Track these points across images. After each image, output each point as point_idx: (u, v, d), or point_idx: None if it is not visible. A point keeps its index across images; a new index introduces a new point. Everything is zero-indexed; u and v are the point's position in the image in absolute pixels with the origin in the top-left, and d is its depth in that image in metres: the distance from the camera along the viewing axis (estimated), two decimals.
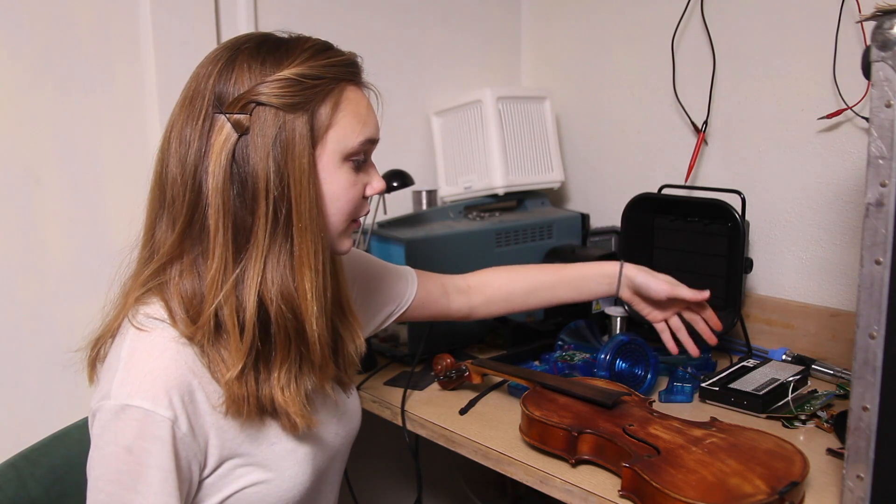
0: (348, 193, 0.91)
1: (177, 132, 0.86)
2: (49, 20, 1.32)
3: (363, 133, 0.90)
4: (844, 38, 1.40)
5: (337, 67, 0.89)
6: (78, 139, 1.38)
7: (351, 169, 0.91)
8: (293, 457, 0.92)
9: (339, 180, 0.90)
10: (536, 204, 1.81)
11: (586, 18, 1.87)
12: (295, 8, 1.61)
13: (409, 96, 1.83)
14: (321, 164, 0.88)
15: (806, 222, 1.51)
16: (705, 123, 1.64)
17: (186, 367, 0.84)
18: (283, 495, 0.91)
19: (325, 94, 0.87)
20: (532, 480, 1.09)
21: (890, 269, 0.79)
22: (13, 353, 1.35)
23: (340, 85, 0.89)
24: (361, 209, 0.95)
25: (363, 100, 0.93)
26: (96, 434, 0.83)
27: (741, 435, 1.05)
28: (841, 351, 1.42)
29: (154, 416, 0.80)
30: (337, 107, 0.88)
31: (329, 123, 0.88)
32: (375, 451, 1.83)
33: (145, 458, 0.80)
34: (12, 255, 1.33)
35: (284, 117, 0.84)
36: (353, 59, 0.93)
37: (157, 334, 0.84)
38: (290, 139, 0.84)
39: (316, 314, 0.87)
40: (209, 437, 0.85)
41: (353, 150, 0.90)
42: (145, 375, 0.82)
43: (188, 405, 0.83)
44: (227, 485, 0.88)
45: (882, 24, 0.77)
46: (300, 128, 0.85)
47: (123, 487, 0.80)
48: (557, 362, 1.40)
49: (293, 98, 0.84)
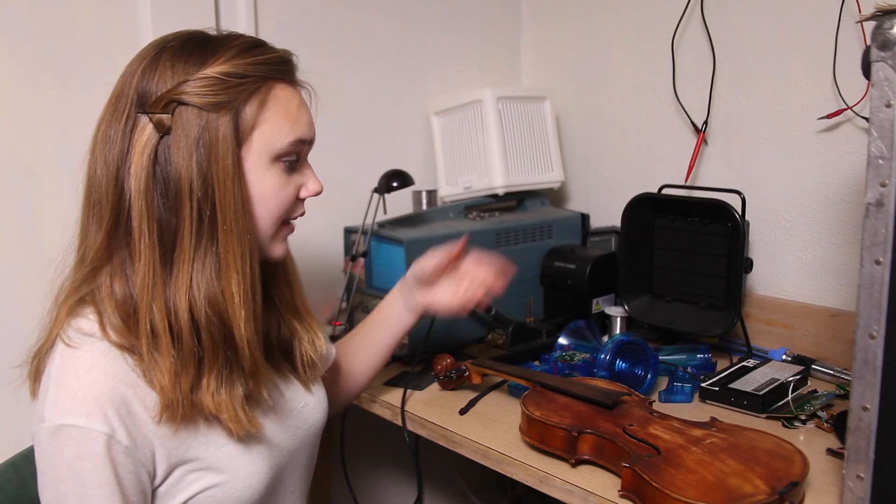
0: (278, 195, 0.89)
1: (102, 132, 0.86)
2: (49, 20, 1.32)
3: (292, 133, 0.88)
4: (844, 38, 1.40)
5: (265, 66, 0.86)
6: (78, 139, 1.37)
7: (282, 170, 0.89)
8: (245, 457, 0.90)
9: (268, 182, 0.88)
10: (536, 204, 1.81)
11: (586, 18, 1.87)
12: (295, 8, 1.61)
13: (409, 96, 1.83)
14: (247, 164, 0.86)
15: (806, 222, 1.51)
16: (705, 123, 1.64)
17: (118, 379, 0.82)
18: (239, 496, 0.89)
19: (250, 92, 0.85)
20: (532, 480, 1.09)
21: (890, 269, 0.79)
22: (13, 353, 1.35)
23: (268, 83, 0.87)
24: (293, 211, 0.94)
25: (294, 99, 0.90)
26: (38, 459, 0.81)
27: (741, 435, 1.05)
28: (841, 351, 1.42)
29: (90, 432, 0.78)
30: (263, 106, 0.86)
31: (255, 123, 0.86)
32: (375, 451, 1.83)
33: (86, 477, 0.79)
34: (12, 255, 1.33)
35: (207, 117, 0.82)
36: (284, 56, 0.91)
37: (84, 350, 0.83)
38: (214, 139, 0.83)
39: (244, 318, 0.85)
40: (154, 446, 0.84)
41: (281, 151, 0.88)
42: (76, 392, 0.80)
43: (125, 417, 0.81)
44: (180, 491, 0.87)
45: (882, 24, 0.77)
46: (224, 128, 0.83)
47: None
48: (557, 362, 1.40)
49: (216, 97, 0.83)
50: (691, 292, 1.51)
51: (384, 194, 1.50)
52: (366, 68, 1.75)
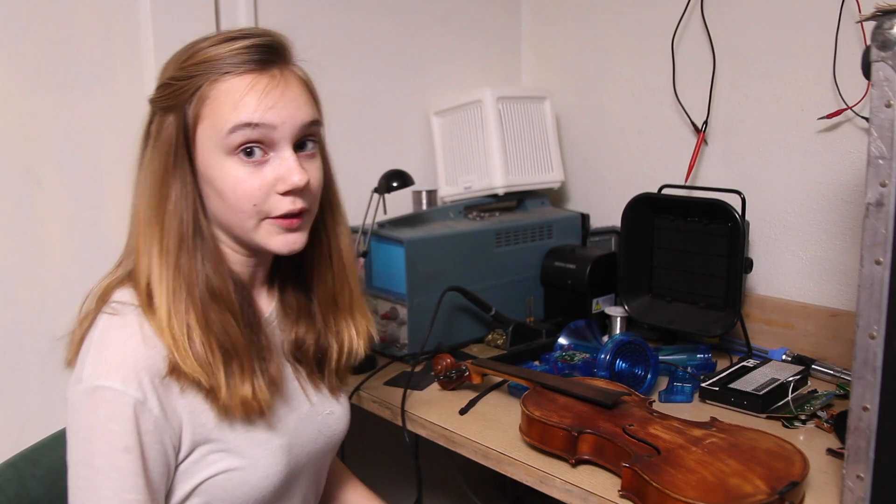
0: (235, 190, 0.87)
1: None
2: (49, 20, 1.32)
3: (231, 119, 0.85)
4: (844, 38, 1.40)
5: (210, 62, 0.86)
6: (78, 139, 1.38)
7: (240, 163, 0.86)
8: (267, 446, 0.92)
9: (223, 176, 0.87)
10: (536, 204, 1.81)
11: (586, 18, 1.87)
12: (295, 8, 1.61)
13: (409, 96, 1.83)
14: (201, 161, 0.88)
15: (806, 222, 1.51)
16: (705, 123, 1.64)
17: (157, 350, 0.84)
18: (255, 484, 0.91)
19: (191, 91, 0.87)
20: (532, 480, 1.09)
21: (890, 269, 0.79)
22: (13, 353, 1.35)
23: (212, 78, 0.86)
24: (269, 205, 0.88)
25: (243, 86, 0.86)
26: (71, 419, 0.84)
27: (741, 435, 1.05)
28: (841, 351, 1.42)
29: (123, 396, 0.81)
30: (203, 101, 0.87)
31: (196, 119, 0.87)
32: (375, 451, 1.83)
33: (114, 439, 0.81)
34: (12, 255, 1.33)
35: (163, 120, 0.88)
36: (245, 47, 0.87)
37: (128, 318, 0.86)
38: (167, 141, 0.88)
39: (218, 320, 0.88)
40: (183, 420, 0.86)
41: (224, 141, 0.86)
42: (115, 356, 0.83)
43: (158, 387, 0.84)
44: (200, 471, 0.89)
45: (882, 24, 0.77)
46: (171, 129, 0.87)
47: (96, 471, 0.82)
48: (557, 362, 1.40)
49: (167, 101, 0.88)
50: (691, 292, 1.51)
51: (384, 194, 1.50)
52: (366, 68, 1.75)
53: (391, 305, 1.50)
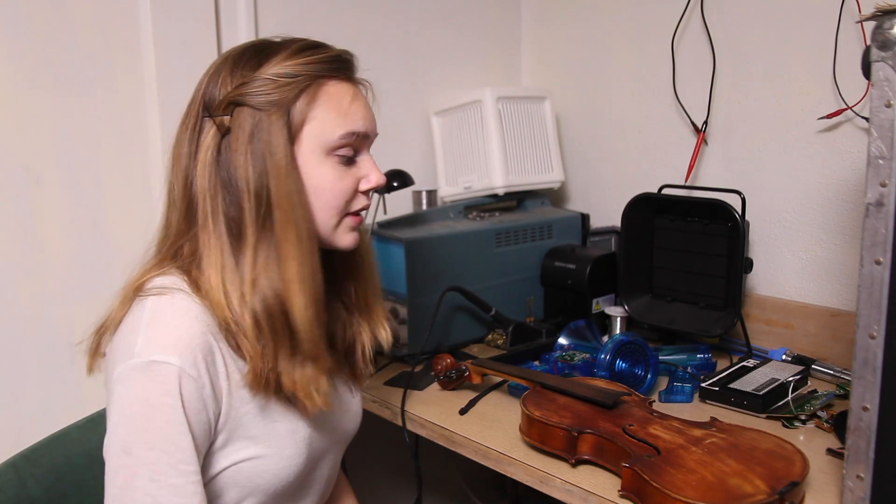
0: (334, 187, 0.92)
1: (177, 138, 0.93)
2: (49, 20, 1.32)
3: (344, 126, 0.92)
4: (844, 38, 1.40)
5: (316, 64, 0.91)
6: (78, 139, 1.38)
7: (338, 163, 0.93)
8: (293, 437, 0.93)
9: (323, 174, 0.91)
10: (536, 204, 1.81)
11: (586, 18, 1.87)
12: (295, 8, 1.61)
13: (409, 96, 1.83)
14: (301, 158, 0.90)
15: (806, 222, 1.51)
16: (705, 123, 1.64)
17: (208, 328, 0.86)
18: (277, 473, 0.92)
19: (300, 90, 0.90)
20: (532, 480, 1.09)
21: (890, 269, 0.79)
22: (13, 353, 1.35)
23: (319, 80, 0.91)
24: (354, 203, 0.96)
25: (347, 94, 0.94)
26: (120, 398, 0.83)
27: (741, 435, 1.05)
28: (841, 351, 1.42)
29: (180, 371, 0.82)
30: (313, 102, 0.90)
31: (305, 119, 0.90)
32: (375, 451, 1.83)
33: (170, 413, 0.81)
34: (12, 255, 1.33)
35: (261, 115, 0.88)
36: (339, 55, 0.95)
37: (179, 296, 0.87)
38: (267, 136, 0.88)
39: (303, 304, 0.88)
40: (223, 402, 0.87)
41: (333, 144, 0.91)
42: (171, 332, 0.84)
43: (210, 366, 0.85)
44: (226, 456, 0.89)
45: (882, 24, 0.77)
46: (275, 124, 0.88)
47: (149, 447, 0.81)
48: (557, 362, 1.40)
49: (268, 97, 0.88)
50: (691, 292, 1.51)
51: (384, 194, 1.50)
52: (366, 68, 1.74)
53: (391, 305, 1.50)
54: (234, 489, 0.91)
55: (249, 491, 0.92)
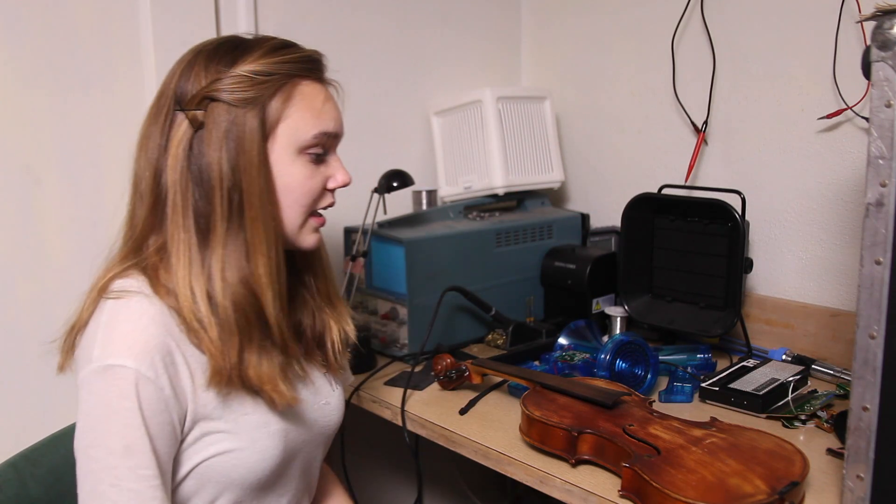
0: (303, 186, 0.94)
1: (144, 130, 0.93)
2: (49, 20, 1.32)
3: (317, 126, 0.93)
4: (844, 38, 1.40)
5: (291, 64, 0.92)
6: (78, 139, 1.38)
7: (308, 162, 0.94)
8: (266, 430, 0.93)
9: (294, 173, 0.93)
10: (536, 204, 1.81)
11: (586, 18, 1.87)
12: (295, 8, 1.61)
13: (409, 96, 1.83)
14: (274, 156, 0.91)
15: (806, 222, 1.51)
16: (705, 123, 1.64)
17: (165, 329, 0.86)
18: (252, 467, 0.92)
19: (275, 88, 0.90)
20: (532, 480, 1.09)
21: (890, 269, 0.79)
22: (13, 353, 1.35)
23: (293, 80, 0.92)
24: (321, 201, 0.98)
25: (320, 94, 0.95)
26: (82, 402, 0.85)
27: (741, 435, 1.05)
28: (841, 351, 1.42)
29: (136, 373, 0.83)
30: (288, 101, 0.91)
31: (279, 117, 0.91)
32: (375, 451, 1.83)
33: (128, 417, 0.82)
34: (12, 254, 1.33)
35: (236, 112, 0.89)
36: (312, 55, 0.95)
37: (135, 300, 0.87)
38: (241, 133, 0.89)
39: (271, 298, 0.90)
40: (188, 401, 0.88)
41: (306, 143, 0.93)
42: (126, 336, 0.85)
43: (169, 367, 0.85)
44: (198, 452, 0.90)
45: (882, 24, 0.77)
46: (250, 122, 0.89)
47: (109, 452, 0.82)
48: (557, 362, 1.40)
49: (244, 93, 0.89)
50: (691, 292, 1.51)
51: (384, 194, 1.50)
52: (366, 68, 1.75)
53: (391, 305, 1.50)
54: (209, 485, 0.92)
55: (225, 486, 0.92)
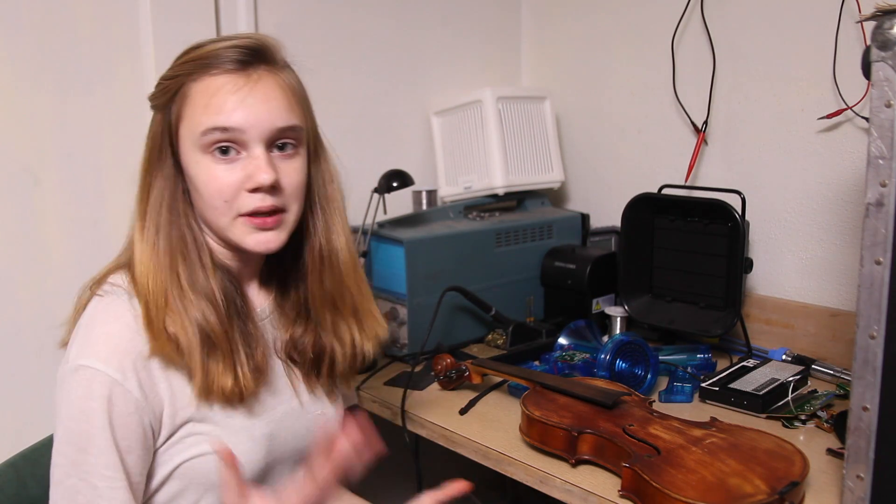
0: (208, 186, 0.90)
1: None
2: (49, 20, 1.32)
3: (208, 122, 0.88)
4: (844, 38, 1.40)
5: (190, 63, 0.90)
6: (78, 139, 1.38)
7: (213, 161, 0.89)
8: (248, 433, 0.93)
9: (200, 172, 0.91)
10: (536, 204, 1.81)
11: (586, 18, 1.87)
12: (295, 8, 1.61)
13: (409, 96, 1.83)
14: (184, 157, 0.92)
15: (806, 222, 1.51)
16: (705, 123, 1.64)
17: (139, 333, 0.87)
18: None
19: (175, 89, 0.91)
20: (532, 480, 1.09)
21: (890, 269, 0.79)
22: (13, 353, 1.35)
23: (193, 77, 0.90)
24: (239, 203, 0.90)
25: (220, 89, 0.88)
26: (56, 397, 0.87)
27: (741, 435, 1.05)
28: (841, 351, 1.42)
29: (102, 375, 0.84)
30: (185, 100, 0.91)
31: (178, 117, 0.91)
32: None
33: (93, 417, 0.84)
34: (12, 254, 1.33)
35: (154, 117, 0.94)
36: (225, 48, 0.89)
37: (114, 301, 0.89)
38: (154, 136, 0.93)
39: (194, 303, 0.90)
40: (164, 401, 0.88)
41: (202, 141, 0.88)
42: (98, 337, 0.86)
43: (140, 370, 0.86)
44: (179, 453, 0.90)
45: (882, 24, 0.77)
46: (158, 125, 0.93)
47: (77, 449, 0.84)
48: (557, 362, 1.40)
49: (157, 99, 0.93)
50: (691, 292, 1.51)
51: (384, 194, 1.50)
52: (366, 68, 1.75)
53: (391, 305, 1.50)
54: (192, 486, 0.92)
55: (206, 487, 0.92)
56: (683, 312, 1.51)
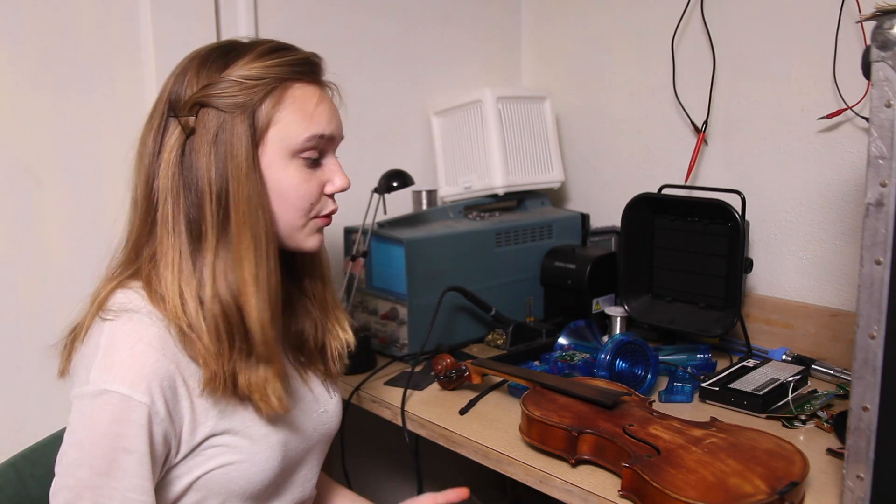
0: (298, 190, 0.92)
1: (141, 137, 0.93)
2: (49, 20, 1.32)
3: (309, 129, 0.91)
4: (844, 38, 1.40)
5: (282, 67, 0.91)
6: (78, 139, 1.38)
7: (302, 166, 0.93)
8: (266, 441, 0.94)
9: (287, 177, 0.91)
10: (536, 204, 1.81)
11: (586, 18, 1.87)
12: (295, 8, 1.61)
13: (409, 96, 1.83)
14: (265, 161, 0.91)
15: (806, 222, 1.51)
16: (705, 123, 1.64)
17: (163, 353, 0.86)
18: (251, 478, 0.93)
19: (265, 93, 0.89)
20: (532, 480, 1.09)
21: (890, 269, 0.79)
22: (13, 353, 1.35)
23: (284, 83, 0.91)
24: (320, 207, 0.96)
25: (313, 97, 0.93)
26: (73, 421, 0.85)
27: (741, 435, 1.05)
28: (841, 351, 1.42)
29: (130, 400, 0.83)
30: (279, 105, 0.90)
31: (269, 121, 0.90)
32: (375, 451, 1.83)
33: (120, 441, 0.83)
34: (12, 254, 1.33)
35: (225, 117, 0.88)
36: (306, 58, 0.94)
37: (135, 321, 0.87)
38: (230, 138, 0.88)
39: (256, 306, 0.89)
40: (185, 420, 0.88)
41: (298, 147, 0.91)
42: (123, 361, 0.84)
43: (166, 391, 0.85)
44: (199, 465, 0.90)
45: (882, 24, 0.77)
46: (239, 127, 0.88)
47: (96, 472, 0.83)
48: (557, 362, 1.40)
49: (234, 98, 0.88)
50: (691, 292, 1.51)
51: (384, 194, 1.50)
52: (366, 68, 1.75)
53: (391, 305, 1.50)
54: (210, 497, 0.92)
55: (225, 497, 0.93)
56: (683, 312, 1.51)
